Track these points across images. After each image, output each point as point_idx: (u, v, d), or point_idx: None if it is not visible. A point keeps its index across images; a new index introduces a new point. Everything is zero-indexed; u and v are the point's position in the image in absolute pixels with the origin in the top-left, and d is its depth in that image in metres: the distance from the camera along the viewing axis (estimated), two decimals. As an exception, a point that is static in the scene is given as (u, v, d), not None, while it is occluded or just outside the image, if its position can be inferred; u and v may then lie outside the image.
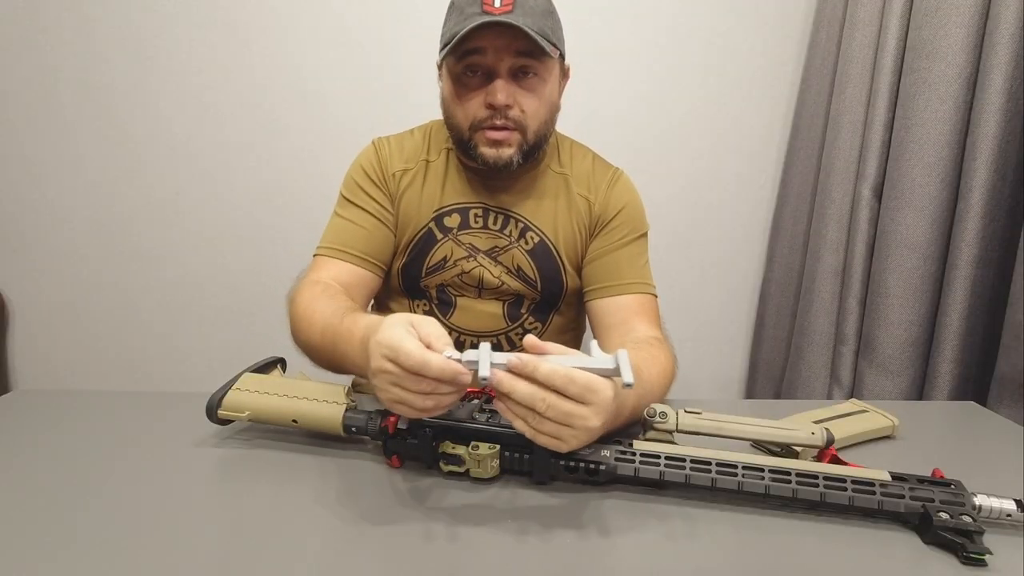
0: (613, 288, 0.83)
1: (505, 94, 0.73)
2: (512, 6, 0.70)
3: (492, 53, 0.72)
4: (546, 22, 0.73)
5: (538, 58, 0.73)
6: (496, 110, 0.74)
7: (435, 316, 0.86)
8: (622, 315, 0.81)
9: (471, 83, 0.75)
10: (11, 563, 0.44)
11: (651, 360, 0.67)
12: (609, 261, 0.84)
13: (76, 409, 0.70)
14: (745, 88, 1.41)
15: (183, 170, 1.43)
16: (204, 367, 1.56)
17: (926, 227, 1.10)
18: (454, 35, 0.71)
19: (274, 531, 0.48)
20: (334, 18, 1.35)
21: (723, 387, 1.61)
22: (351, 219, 0.83)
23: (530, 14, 0.71)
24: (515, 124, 0.75)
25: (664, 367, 0.69)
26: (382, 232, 0.83)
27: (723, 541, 0.49)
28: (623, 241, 0.85)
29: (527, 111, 0.75)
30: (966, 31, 1.03)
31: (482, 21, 0.69)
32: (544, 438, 0.48)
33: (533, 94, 0.75)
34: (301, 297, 0.73)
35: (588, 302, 0.85)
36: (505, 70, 0.73)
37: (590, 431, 0.48)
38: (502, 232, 0.84)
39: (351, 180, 0.85)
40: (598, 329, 0.84)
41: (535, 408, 0.46)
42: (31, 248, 1.47)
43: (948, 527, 0.48)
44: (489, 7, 0.70)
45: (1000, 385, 1.00)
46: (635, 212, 0.87)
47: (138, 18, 1.34)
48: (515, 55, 0.72)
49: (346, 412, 0.59)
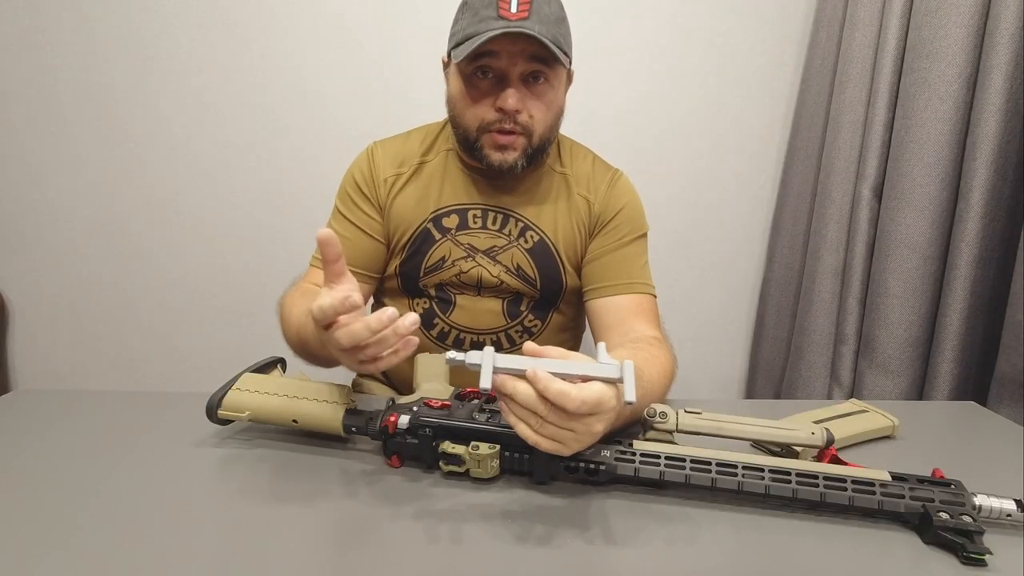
0: (612, 288, 0.83)
1: (516, 99, 0.73)
2: (528, 12, 0.70)
3: (506, 58, 0.72)
4: (559, 30, 0.73)
5: (550, 65, 0.74)
6: (506, 114, 0.74)
7: (435, 314, 0.86)
8: (621, 315, 0.82)
9: (482, 85, 0.75)
10: (11, 563, 0.44)
11: (651, 360, 0.67)
12: (608, 261, 0.84)
13: (76, 409, 0.70)
14: (745, 88, 1.41)
15: (183, 170, 1.43)
16: (204, 367, 1.56)
17: (926, 227, 1.10)
18: (467, 37, 0.71)
19: (274, 531, 0.48)
20: (334, 18, 1.35)
21: (723, 387, 1.61)
22: (339, 231, 0.85)
23: (545, 21, 0.71)
24: (523, 129, 0.76)
25: (664, 367, 0.69)
26: (370, 244, 0.85)
27: (723, 541, 0.49)
28: (622, 241, 0.85)
29: (535, 116, 0.76)
30: (966, 31, 1.03)
31: (500, 31, 0.69)
32: (546, 442, 0.48)
33: (542, 100, 0.76)
34: (284, 301, 0.77)
35: (587, 302, 0.86)
36: (517, 75, 0.74)
37: (593, 436, 0.49)
38: (501, 232, 0.84)
39: (343, 190, 0.88)
40: (597, 329, 0.84)
41: (537, 411, 0.46)
42: (31, 248, 1.47)
43: (948, 527, 0.48)
44: (505, 12, 0.70)
45: (1000, 385, 1.00)
46: (635, 212, 0.87)
47: (138, 18, 1.34)
48: (528, 60, 0.73)
49: (346, 412, 0.59)
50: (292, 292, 0.79)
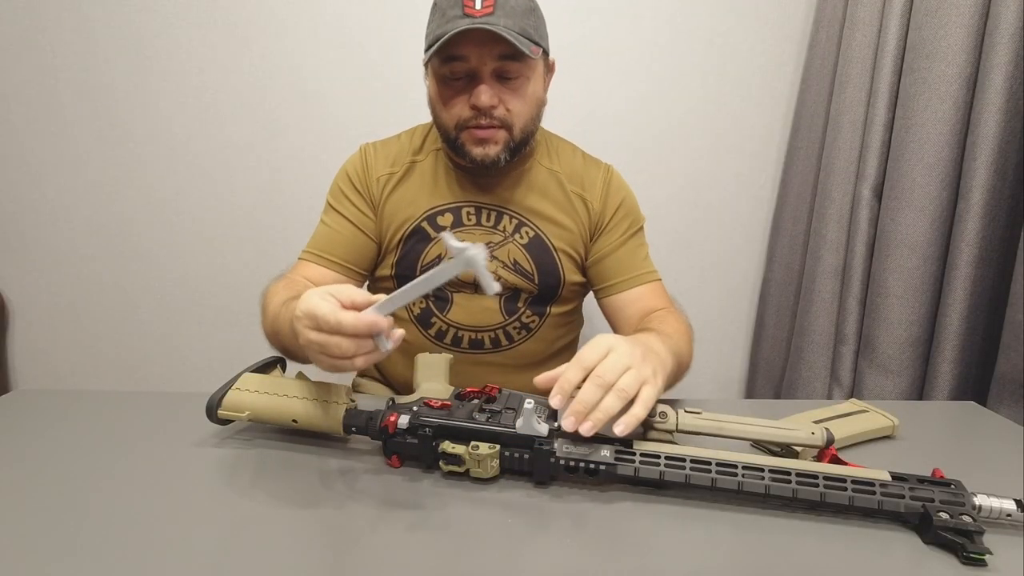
0: (625, 283, 0.86)
1: (488, 96, 0.74)
2: (493, 7, 0.70)
3: (475, 58, 0.73)
4: (527, 21, 0.73)
5: (520, 60, 0.74)
6: (480, 111, 0.75)
7: (432, 312, 0.86)
8: (639, 305, 0.85)
9: (455, 85, 0.76)
10: (12, 563, 0.44)
11: (663, 320, 0.74)
12: (617, 258, 0.87)
13: (76, 409, 0.70)
14: (745, 88, 1.41)
15: (183, 170, 1.43)
16: (204, 367, 1.56)
17: (926, 227, 1.10)
18: (437, 38, 0.72)
19: (274, 531, 0.48)
20: (334, 18, 1.34)
21: (723, 387, 1.61)
22: (331, 225, 0.86)
23: (511, 14, 0.71)
24: (501, 122, 0.77)
25: (678, 325, 0.75)
26: (361, 239, 0.86)
27: (723, 541, 0.49)
28: (625, 236, 0.88)
29: (512, 110, 0.77)
30: (966, 31, 1.03)
31: (463, 28, 0.69)
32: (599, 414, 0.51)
33: (517, 93, 0.77)
34: (266, 291, 0.77)
35: (602, 299, 0.88)
36: (488, 73, 0.74)
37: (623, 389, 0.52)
38: (496, 228, 0.85)
39: (336, 187, 0.88)
40: (618, 322, 0.87)
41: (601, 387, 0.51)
42: (31, 248, 1.47)
43: (948, 527, 0.48)
44: (470, 9, 0.70)
45: (1000, 385, 1.00)
46: (632, 206, 0.90)
47: (138, 18, 1.34)
48: (497, 59, 0.73)
49: (346, 412, 0.59)
50: (275, 283, 0.79)
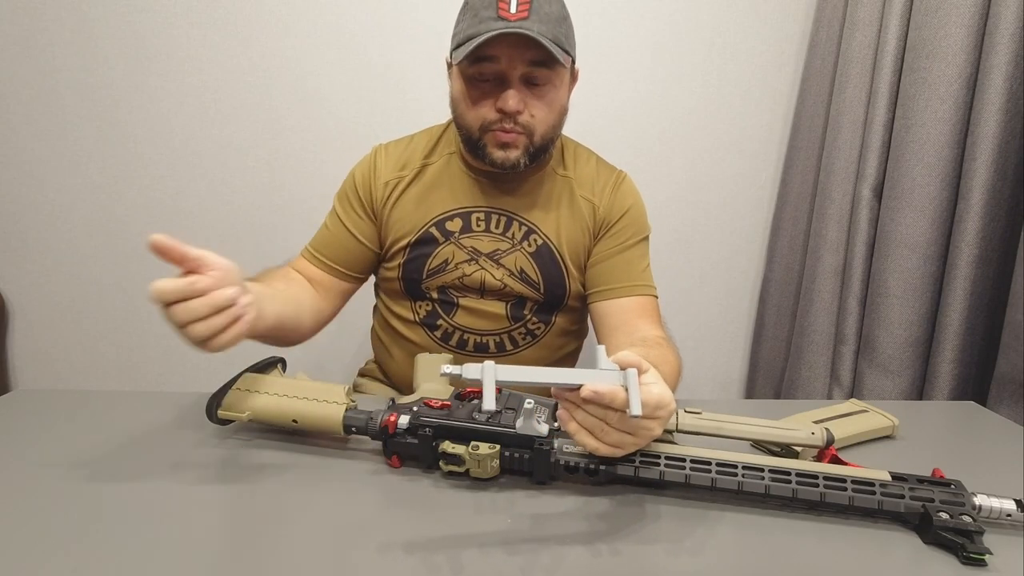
0: (617, 290, 0.84)
1: (516, 101, 0.73)
2: (528, 12, 0.70)
3: (505, 61, 0.72)
4: (560, 28, 0.73)
5: (551, 66, 0.73)
6: (506, 115, 0.74)
7: (438, 315, 0.86)
8: (625, 316, 0.82)
9: (483, 86, 0.75)
10: (12, 563, 0.44)
11: (661, 360, 0.68)
12: (613, 264, 0.85)
13: (76, 409, 0.70)
14: (745, 88, 1.41)
15: (183, 170, 1.43)
16: (204, 367, 1.55)
17: (926, 227, 1.10)
18: (467, 38, 0.71)
19: (274, 531, 0.48)
20: (334, 18, 1.34)
21: (723, 387, 1.61)
22: (332, 229, 0.88)
23: (545, 21, 0.70)
24: (524, 128, 0.76)
25: (674, 366, 0.71)
26: (356, 247, 0.87)
27: (723, 541, 0.49)
28: (626, 244, 0.86)
29: (537, 116, 0.76)
30: (966, 31, 1.03)
31: (498, 32, 0.68)
32: (607, 448, 0.50)
33: (543, 100, 0.76)
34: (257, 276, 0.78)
35: (592, 304, 0.86)
36: (517, 77, 0.73)
37: (651, 436, 0.51)
38: (504, 235, 0.84)
39: (343, 191, 0.89)
40: (602, 330, 0.85)
41: (606, 420, 0.48)
42: (31, 248, 1.47)
43: (948, 527, 0.48)
44: (505, 12, 0.70)
45: (1000, 385, 1.00)
46: (639, 215, 0.88)
47: (138, 18, 1.33)
48: (528, 64, 0.73)
49: (346, 412, 0.59)
50: (272, 270, 0.82)
